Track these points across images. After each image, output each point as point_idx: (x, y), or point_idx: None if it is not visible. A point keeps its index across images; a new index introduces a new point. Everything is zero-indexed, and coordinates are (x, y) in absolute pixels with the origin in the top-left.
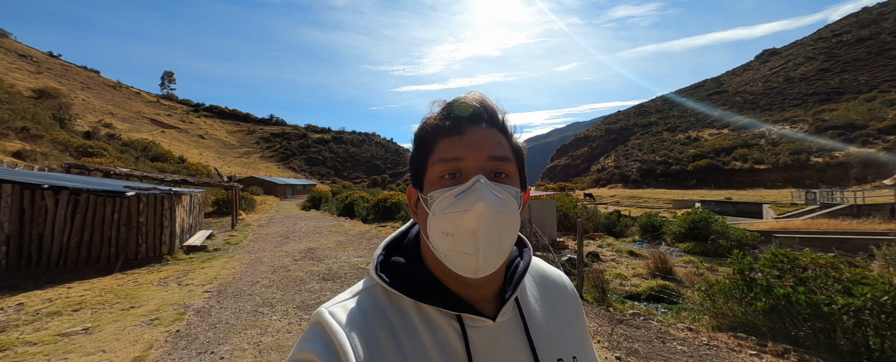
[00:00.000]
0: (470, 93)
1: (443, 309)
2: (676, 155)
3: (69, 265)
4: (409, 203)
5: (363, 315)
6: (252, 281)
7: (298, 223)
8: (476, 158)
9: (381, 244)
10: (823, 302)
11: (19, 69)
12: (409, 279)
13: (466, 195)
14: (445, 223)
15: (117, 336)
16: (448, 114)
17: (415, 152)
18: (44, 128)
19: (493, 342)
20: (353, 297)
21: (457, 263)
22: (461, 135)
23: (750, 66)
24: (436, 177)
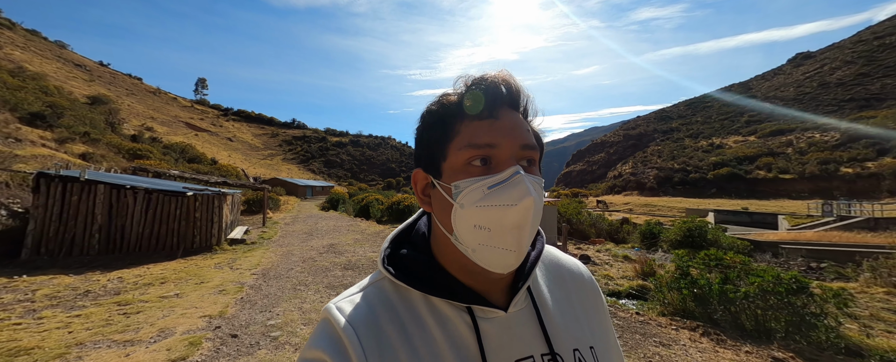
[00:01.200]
0: (500, 72)
1: (452, 302)
2: (696, 163)
3: (143, 251)
4: (415, 189)
5: (371, 310)
6: (287, 268)
7: (320, 222)
8: (510, 146)
9: (388, 237)
10: (730, 290)
11: (75, 78)
12: (417, 271)
13: (507, 187)
14: (480, 216)
15: (201, 299)
16: (478, 93)
17: (430, 132)
18: (100, 133)
19: (506, 333)
20: (360, 292)
21: (489, 259)
22: (494, 119)
23: (781, 69)
24: (461, 164)
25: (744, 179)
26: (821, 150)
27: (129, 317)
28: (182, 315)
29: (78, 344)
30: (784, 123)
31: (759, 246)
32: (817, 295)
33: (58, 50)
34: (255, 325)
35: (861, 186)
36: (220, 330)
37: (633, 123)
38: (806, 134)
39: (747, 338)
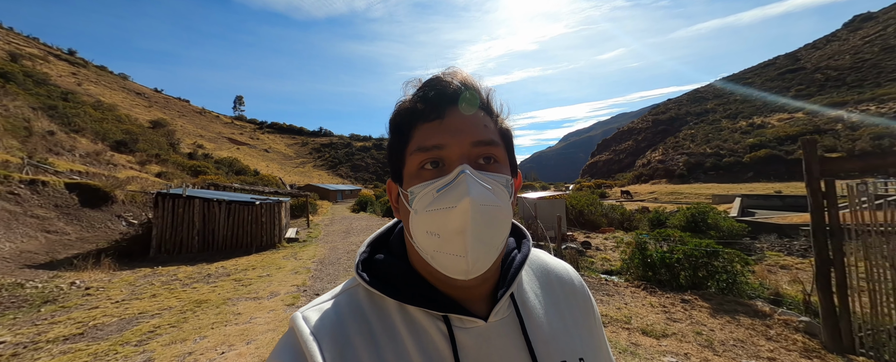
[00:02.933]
0: (449, 70)
1: (428, 310)
2: (731, 146)
3: (228, 248)
4: (390, 198)
5: (339, 319)
6: (336, 258)
7: (353, 222)
8: (459, 145)
9: (366, 240)
10: (667, 257)
11: (138, 105)
12: (392, 278)
13: (450, 189)
14: (429, 222)
15: (285, 277)
16: (424, 95)
17: (391, 141)
18: (167, 153)
19: (485, 344)
20: (331, 299)
21: (445, 265)
22: (440, 120)
23: (836, 35)
24: (415, 169)
25: (784, 161)
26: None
27: (246, 286)
28: (279, 284)
29: (227, 299)
30: (837, 96)
31: (781, 229)
32: (727, 258)
33: (121, 81)
34: (328, 288)
35: None
36: (307, 291)
37: (663, 107)
38: (860, 107)
39: (675, 290)
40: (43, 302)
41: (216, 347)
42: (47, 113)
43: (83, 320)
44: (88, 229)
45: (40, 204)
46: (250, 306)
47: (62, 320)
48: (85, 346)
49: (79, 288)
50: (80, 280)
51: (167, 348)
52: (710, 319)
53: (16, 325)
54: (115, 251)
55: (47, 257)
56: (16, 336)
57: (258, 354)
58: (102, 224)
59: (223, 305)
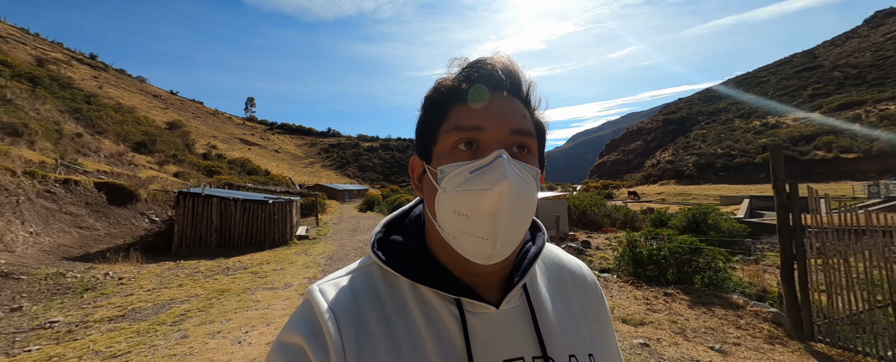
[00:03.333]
0: (496, 55)
1: (441, 292)
2: (743, 146)
3: (243, 244)
4: (412, 176)
5: (354, 295)
6: (345, 254)
7: (361, 221)
8: (498, 130)
9: (381, 221)
10: (655, 254)
11: (154, 107)
12: (406, 259)
13: (487, 172)
14: (459, 202)
15: (297, 271)
16: (469, 76)
17: (424, 117)
18: (183, 154)
19: (495, 331)
20: (347, 275)
21: (467, 247)
22: (483, 102)
23: (856, 32)
24: (448, 148)
25: (798, 161)
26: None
27: (262, 278)
28: (292, 277)
29: (247, 289)
30: (856, 94)
31: (802, 229)
32: (710, 256)
33: (139, 84)
34: None
35: None
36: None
37: (673, 107)
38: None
39: (662, 285)
40: (84, 290)
41: (240, 327)
42: (73, 115)
43: (122, 305)
44: (115, 225)
45: (73, 201)
46: (267, 295)
47: (104, 305)
48: (127, 326)
49: (112, 278)
50: (112, 271)
51: (198, 327)
52: (687, 310)
53: (64, 308)
54: (141, 246)
55: (81, 250)
56: (67, 316)
57: (276, 333)
58: (127, 221)
59: (243, 294)
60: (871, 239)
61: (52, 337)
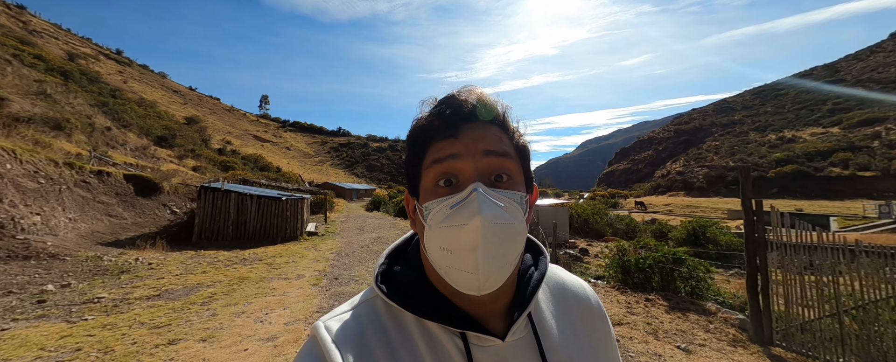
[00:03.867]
0: (464, 88)
1: (446, 327)
2: (756, 159)
3: (257, 238)
4: (407, 211)
5: (360, 330)
6: (351, 251)
7: (367, 221)
8: (472, 153)
9: (385, 251)
10: (642, 262)
11: (174, 102)
12: (410, 291)
13: (463, 207)
14: (442, 238)
15: (308, 264)
16: (440, 112)
17: (408, 156)
18: (200, 149)
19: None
20: (351, 310)
21: (457, 280)
22: (455, 137)
23: (881, 46)
24: (431, 185)
25: (813, 177)
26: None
27: (277, 269)
28: (304, 269)
29: (263, 278)
30: (879, 111)
31: None
32: (691, 265)
33: (161, 79)
34: (344, 274)
35: None
36: (327, 275)
37: (686, 117)
38: None
39: (645, 291)
40: (120, 272)
41: (260, 310)
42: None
43: (156, 286)
44: (140, 215)
45: (105, 191)
46: (283, 284)
47: (140, 285)
48: (163, 303)
49: (142, 263)
50: (141, 257)
51: (225, 308)
52: (663, 314)
53: (106, 287)
54: (166, 235)
55: (112, 237)
56: (110, 294)
57: (292, 316)
58: (151, 211)
59: (261, 282)
60: (821, 255)
61: (101, 310)
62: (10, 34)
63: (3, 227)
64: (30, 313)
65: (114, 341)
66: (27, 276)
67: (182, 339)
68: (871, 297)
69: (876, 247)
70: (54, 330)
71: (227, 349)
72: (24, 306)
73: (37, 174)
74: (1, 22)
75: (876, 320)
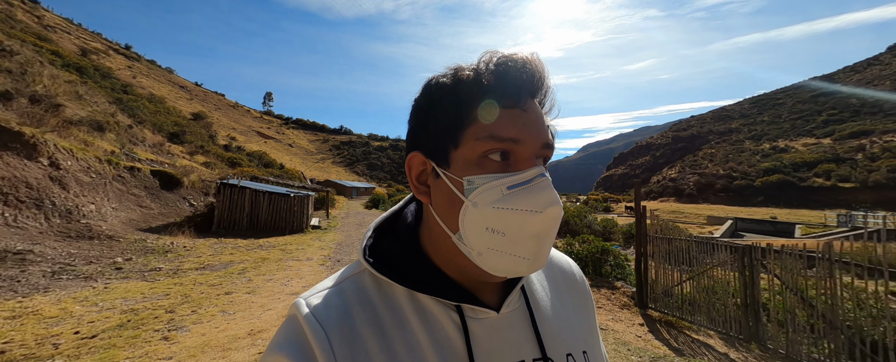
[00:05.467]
0: (529, 55)
1: (440, 299)
2: (745, 168)
3: (268, 230)
4: (409, 174)
5: (346, 308)
6: (350, 243)
7: (366, 217)
8: (533, 144)
9: (371, 224)
10: (581, 254)
11: (180, 97)
12: (401, 265)
13: (530, 191)
14: (496, 219)
15: (314, 251)
16: (503, 76)
17: (438, 112)
18: (209, 145)
19: (497, 335)
20: (335, 285)
21: (497, 264)
22: (521, 110)
23: (878, 59)
24: (476, 155)
25: (797, 187)
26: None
27: (290, 254)
28: (312, 253)
29: (280, 259)
30: (870, 124)
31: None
32: (616, 255)
33: (168, 75)
34: (345, 258)
35: None
36: (331, 258)
37: (685, 124)
38: (885, 137)
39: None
40: (165, 251)
41: (283, 279)
42: (119, 106)
43: (198, 261)
44: (165, 206)
45: (136, 185)
46: (296, 263)
47: (186, 261)
48: (210, 272)
49: (177, 246)
50: (174, 241)
51: (257, 276)
52: None
53: (160, 261)
54: (191, 224)
55: (145, 225)
56: (166, 265)
57: (307, 283)
58: (174, 204)
59: (279, 261)
60: (667, 244)
61: (166, 275)
62: (28, 30)
63: (71, 213)
64: (115, 275)
65: (187, 291)
66: (97, 251)
67: (233, 292)
68: (713, 274)
69: (709, 238)
70: (141, 286)
71: (266, 298)
72: (108, 271)
73: (89, 170)
74: (19, 17)
75: (714, 290)
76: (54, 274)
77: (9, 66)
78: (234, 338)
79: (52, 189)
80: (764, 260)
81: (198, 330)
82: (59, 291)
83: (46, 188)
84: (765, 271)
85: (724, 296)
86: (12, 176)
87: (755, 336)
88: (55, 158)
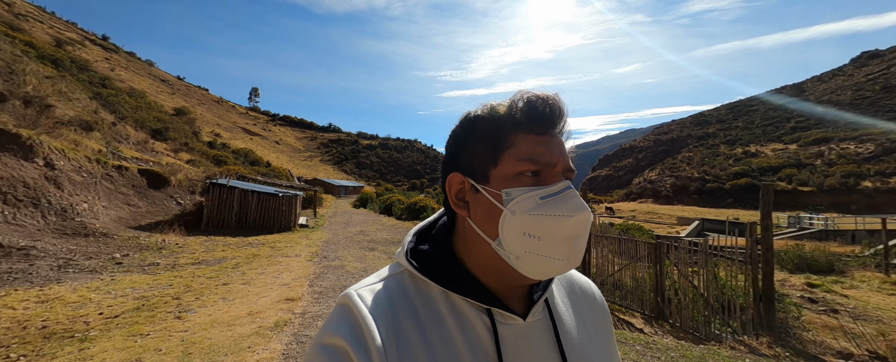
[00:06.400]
0: (553, 94)
1: (473, 302)
2: (718, 172)
3: (257, 228)
4: (449, 192)
5: (390, 301)
6: (337, 240)
7: (353, 216)
8: (561, 165)
9: (412, 230)
10: None
11: (162, 92)
12: (438, 268)
13: (561, 200)
14: (531, 224)
15: (302, 248)
16: (535, 109)
17: (478, 138)
18: (193, 142)
19: (523, 341)
20: (380, 281)
21: (533, 266)
22: (549, 137)
23: (842, 70)
24: (514, 173)
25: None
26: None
27: (279, 251)
28: (300, 250)
29: (270, 255)
30: (832, 131)
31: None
32: None
33: (148, 68)
34: (331, 255)
35: (879, 201)
36: (318, 255)
37: (666, 128)
38: (841, 144)
39: None
40: (159, 248)
41: (274, 272)
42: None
43: (193, 257)
44: (152, 205)
45: (124, 184)
46: (285, 259)
47: (181, 256)
48: (205, 267)
49: (169, 243)
50: (166, 239)
51: (250, 270)
52: None
53: (156, 257)
54: (180, 222)
55: (134, 223)
56: (163, 261)
57: (296, 275)
58: (161, 202)
59: (269, 257)
60: (605, 241)
61: (165, 268)
62: None
63: (65, 211)
64: (117, 269)
65: (187, 282)
66: (94, 248)
67: (230, 283)
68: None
69: (631, 238)
70: (144, 278)
71: (260, 288)
72: (110, 266)
73: (80, 169)
74: None
75: (644, 279)
76: (61, 268)
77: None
78: (236, 318)
79: (47, 188)
80: (668, 253)
81: (204, 312)
82: (71, 282)
83: (42, 187)
84: (668, 261)
85: (642, 283)
86: (10, 176)
87: (662, 314)
88: (50, 159)
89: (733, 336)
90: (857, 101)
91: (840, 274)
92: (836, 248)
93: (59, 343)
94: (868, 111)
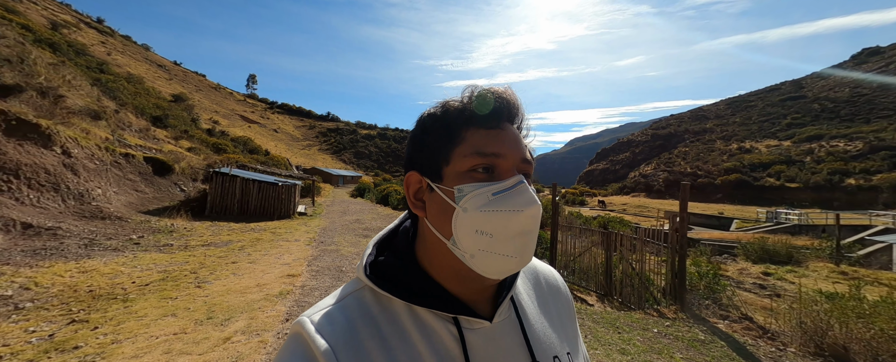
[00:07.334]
0: (505, 88)
1: (438, 312)
2: (709, 167)
3: (257, 215)
4: (407, 192)
5: (349, 324)
6: (334, 228)
7: (350, 206)
8: (513, 158)
9: (371, 241)
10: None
11: (159, 77)
12: (399, 279)
13: (512, 195)
14: (483, 221)
15: (301, 234)
16: (484, 103)
17: (431, 136)
18: (193, 130)
19: (491, 344)
20: (337, 303)
21: (487, 265)
22: (500, 130)
23: (841, 66)
24: (465, 169)
25: (751, 186)
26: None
27: (280, 236)
28: (300, 236)
29: (272, 239)
30: (825, 128)
31: (693, 242)
32: (545, 238)
33: (144, 52)
34: (327, 240)
35: (861, 198)
36: (316, 240)
37: (664, 122)
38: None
39: None
40: (169, 231)
41: (276, 254)
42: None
43: (202, 240)
44: (158, 191)
45: (131, 171)
46: (285, 243)
47: (190, 239)
48: (214, 248)
49: (178, 227)
50: (174, 223)
51: (254, 252)
52: None
53: (169, 239)
54: (186, 208)
55: (143, 208)
56: (176, 242)
57: (296, 256)
58: (166, 189)
59: (271, 241)
60: (569, 229)
61: (178, 249)
62: None
63: (82, 196)
64: (136, 249)
65: (200, 260)
66: (112, 230)
67: (238, 262)
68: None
69: (588, 227)
70: (162, 256)
71: (265, 266)
72: (129, 246)
73: (93, 157)
74: None
75: (600, 264)
76: (87, 246)
77: (7, 55)
78: (247, 288)
79: (65, 174)
80: (617, 242)
81: (219, 284)
82: (100, 258)
83: (61, 174)
84: (616, 250)
85: (596, 267)
86: (33, 162)
87: (610, 293)
88: (66, 147)
89: (654, 306)
90: (854, 99)
91: (796, 265)
92: (800, 242)
93: (107, 302)
94: (863, 108)
